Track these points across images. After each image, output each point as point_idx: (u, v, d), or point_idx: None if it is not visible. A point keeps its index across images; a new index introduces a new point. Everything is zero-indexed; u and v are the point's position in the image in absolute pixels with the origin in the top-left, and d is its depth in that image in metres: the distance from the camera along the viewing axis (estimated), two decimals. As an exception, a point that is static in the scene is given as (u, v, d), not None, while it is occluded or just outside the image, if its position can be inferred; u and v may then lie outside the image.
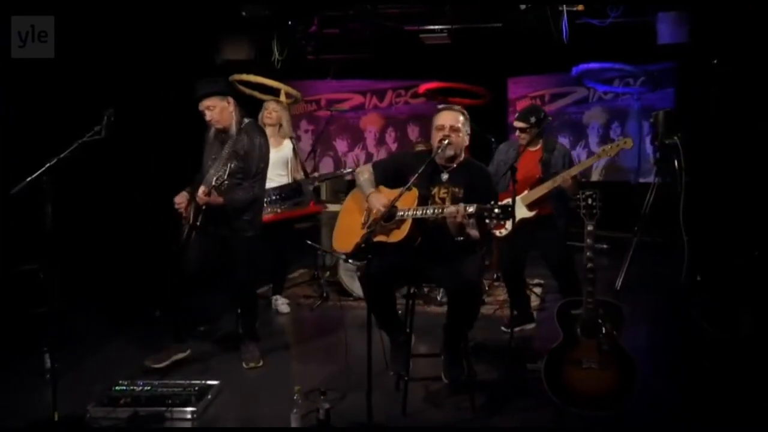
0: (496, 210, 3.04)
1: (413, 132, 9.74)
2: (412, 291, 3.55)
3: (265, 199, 5.08)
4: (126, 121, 3.95)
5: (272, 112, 5.31)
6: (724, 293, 4.90)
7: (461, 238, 3.28)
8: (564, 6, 6.14)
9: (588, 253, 3.33)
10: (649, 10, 6.63)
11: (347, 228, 3.63)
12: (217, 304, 5.19)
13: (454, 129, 3.44)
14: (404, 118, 9.72)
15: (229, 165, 3.81)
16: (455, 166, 3.52)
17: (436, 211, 3.24)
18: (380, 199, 3.45)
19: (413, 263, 3.43)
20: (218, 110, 3.94)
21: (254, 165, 4.01)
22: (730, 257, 4.91)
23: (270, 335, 4.84)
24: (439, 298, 5.65)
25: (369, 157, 9.71)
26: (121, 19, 5.85)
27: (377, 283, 3.36)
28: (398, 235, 3.34)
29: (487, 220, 3.10)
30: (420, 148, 6.50)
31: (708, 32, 6.10)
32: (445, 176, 3.51)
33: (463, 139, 3.50)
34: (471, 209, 3.11)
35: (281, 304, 5.48)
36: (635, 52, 7.53)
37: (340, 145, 9.72)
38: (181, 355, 4.15)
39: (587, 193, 3.41)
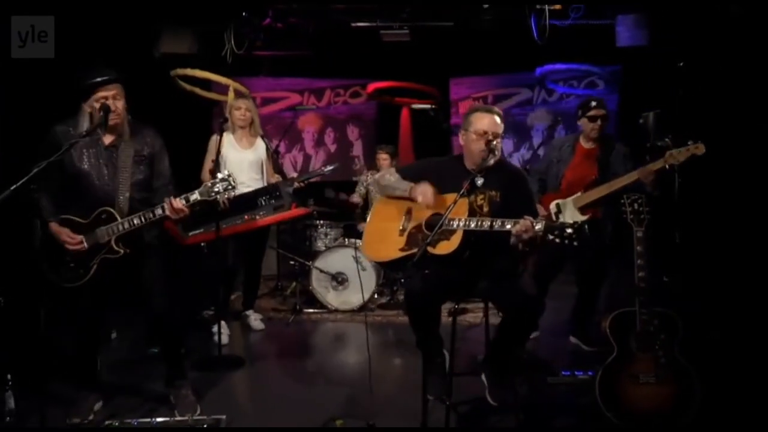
0: (568, 230, 2.76)
1: (353, 133, 9.42)
2: (457, 307, 3.23)
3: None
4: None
5: (246, 111, 4.78)
6: (708, 295, 4.91)
7: (527, 249, 3.00)
8: (546, 5, 6.00)
9: (639, 261, 3.17)
10: (608, 13, 6.63)
11: (381, 235, 3.29)
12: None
13: (496, 135, 3.17)
14: (343, 119, 9.36)
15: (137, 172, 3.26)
16: (487, 170, 3.24)
17: (495, 224, 2.93)
18: (429, 188, 3.13)
19: (459, 277, 3.12)
20: (122, 102, 3.19)
21: (166, 167, 3.40)
22: (721, 258, 4.95)
23: (257, 357, 4.41)
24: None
25: (307, 159, 9.28)
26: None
27: (423, 299, 3.04)
28: (447, 247, 3.02)
29: (557, 240, 2.82)
30: (383, 153, 6.19)
31: (673, 35, 6.18)
32: (479, 181, 3.23)
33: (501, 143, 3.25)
34: (539, 226, 2.83)
35: (255, 320, 5.01)
36: (587, 54, 7.57)
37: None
38: (98, 404, 3.44)
39: (633, 197, 3.25)
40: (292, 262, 5.65)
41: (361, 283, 5.10)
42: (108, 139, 3.27)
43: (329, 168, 5.32)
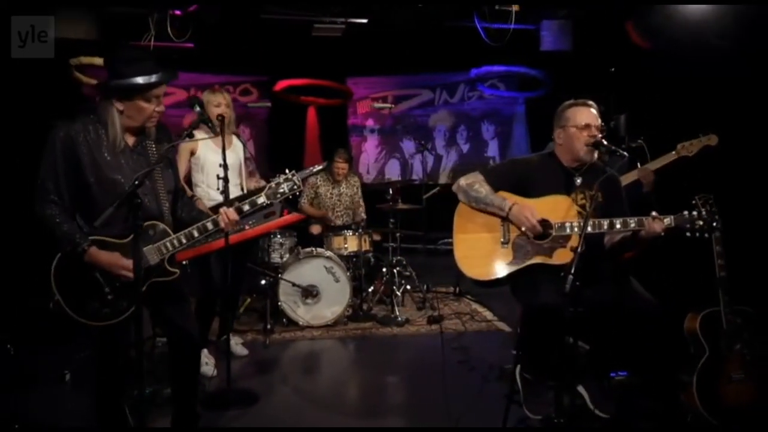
0: (699, 222, 2.72)
1: (244, 133, 8.79)
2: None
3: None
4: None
5: (225, 108, 4.16)
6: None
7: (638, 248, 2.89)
8: (512, 7, 5.96)
9: (719, 261, 3.19)
10: (531, 18, 6.79)
11: (480, 250, 2.97)
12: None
13: (598, 128, 3.03)
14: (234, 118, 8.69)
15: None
16: (585, 168, 3.11)
17: (616, 224, 2.80)
18: (531, 211, 2.89)
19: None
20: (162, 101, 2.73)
21: (178, 171, 2.99)
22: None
23: (264, 388, 3.83)
24: (400, 318, 5.09)
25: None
26: None
27: (548, 316, 2.79)
28: (566, 255, 2.81)
29: (688, 234, 2.75)
30: (340, 161, 5.80)
31: (601, 40, 6.46)
32: (578, 180, 3.08)
33: None
34: (668, 221, 2.76)
35: (236, 344, 4.38)
36: (509, 57, 7.73)
37: (162, 147, 8.35)
38: None
39: (704, 197, 3.25)
40: (279, 278, 5.04)
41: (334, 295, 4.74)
42: (131, 140, 2.67)
43: (318, 168, 4.82)
